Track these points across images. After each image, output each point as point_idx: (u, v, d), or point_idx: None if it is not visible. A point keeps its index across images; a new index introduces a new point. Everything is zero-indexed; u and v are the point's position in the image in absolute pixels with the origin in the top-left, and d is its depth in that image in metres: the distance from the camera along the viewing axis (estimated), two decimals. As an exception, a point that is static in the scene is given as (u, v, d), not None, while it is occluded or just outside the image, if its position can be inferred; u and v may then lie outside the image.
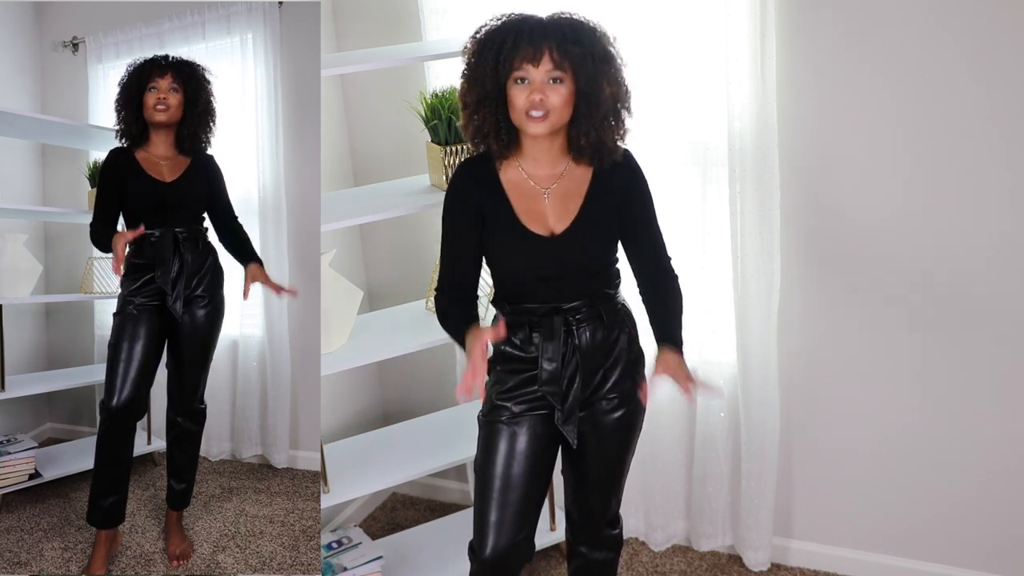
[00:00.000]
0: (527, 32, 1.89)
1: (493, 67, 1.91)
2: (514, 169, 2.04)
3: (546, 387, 2.06)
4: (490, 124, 1.97)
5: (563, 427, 2.09)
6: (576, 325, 2.05)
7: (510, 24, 1.92)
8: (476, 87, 1.95)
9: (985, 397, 2.62)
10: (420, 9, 2.85)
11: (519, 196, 2.02)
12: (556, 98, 1.89)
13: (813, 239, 2.69)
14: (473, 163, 2.06)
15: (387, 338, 2.70)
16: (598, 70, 1.91)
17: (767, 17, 2.47)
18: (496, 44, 1.90)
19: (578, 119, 1.94)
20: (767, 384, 2.74)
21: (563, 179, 2.03)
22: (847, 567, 2.92)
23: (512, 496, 2.10)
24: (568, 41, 1.88)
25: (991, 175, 2.46)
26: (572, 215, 2.01)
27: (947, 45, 2.41)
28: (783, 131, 2.58)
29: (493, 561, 2.11)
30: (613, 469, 2.19)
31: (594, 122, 1.94)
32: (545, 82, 1.89)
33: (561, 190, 2.03)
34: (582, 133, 1.95)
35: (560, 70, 1.89)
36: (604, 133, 1.96)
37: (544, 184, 2.03)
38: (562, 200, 2.02)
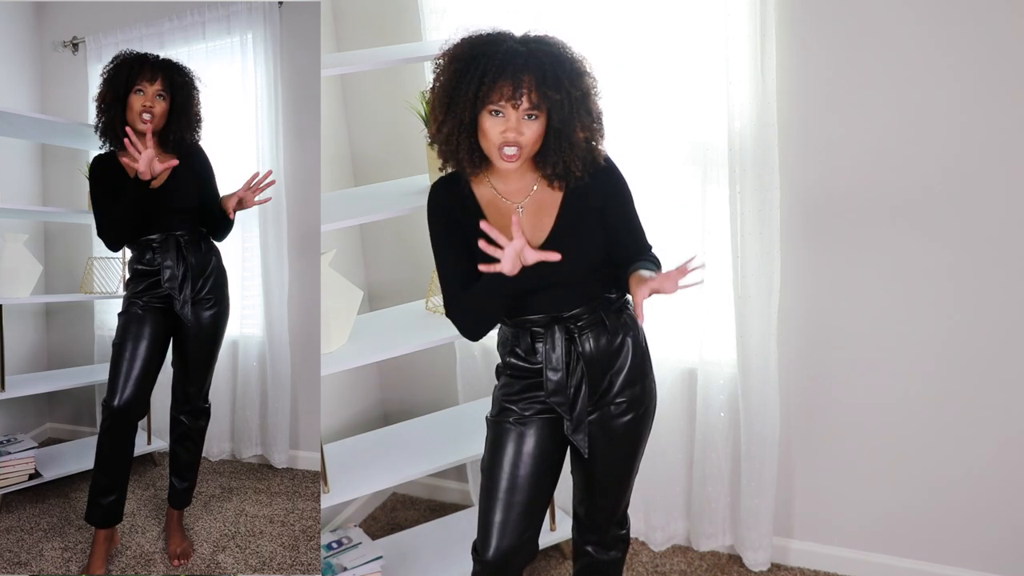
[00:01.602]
0: (509, 69, 1.84)
1: (472, 100, 1.87)
2: (485, 186, 2.03)
3: (553, 398, 2.05)
4: (464, 149, 1.94)
5: (573, 436, 2.08)
6: (579, 332, 2.04)
7: (490, 55, 1.86)
8: (452, 116, 1.91)
9: (986, 397, 2.62)
10: (420, 9, 2.85)
11: (494, 213, 2.01)
12: (530, 133, 1.88)
13: (813, 239, 2.69)
14: (446, 182, 2.04)
15: (387, 338, 2.69)
16: (573, 113, 1.89)
17: (767, 17, 2.47)
18: (476, 78, 1.86)
19: (546, 151, 1.92)
20: (767, 384, 2.74)
21: (535, 192, 2.01)
22: (847, 567, 2.92)
23: (518, 497, 2.10)
24: (548, 84, 1.85)
25: (992, 175, 2.46)
26: (547, 228, 2.00)
27: (947, 44, 2.42)
28: (783, 131, 2.58)
29: (496, 561, 2.11)
30: (622, 472, 2.19)
31: (563, 155, 1.92)
32: (521, 119, 1.87)
33: (534, 204, 2.01)
34: (549, 163, 1.94)
35: (537, 109, 1.88)
36: (572, 164, 1.94)
37: (516, 199, 2.01)
38: (536, 214, 2.01)
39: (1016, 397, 2.59)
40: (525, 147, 1.89)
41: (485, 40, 1.90)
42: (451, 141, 1.94)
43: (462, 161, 1.96)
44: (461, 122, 1.91)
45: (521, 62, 1.86)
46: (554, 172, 1.95)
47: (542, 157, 1.94)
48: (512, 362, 2.10)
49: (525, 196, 2.01)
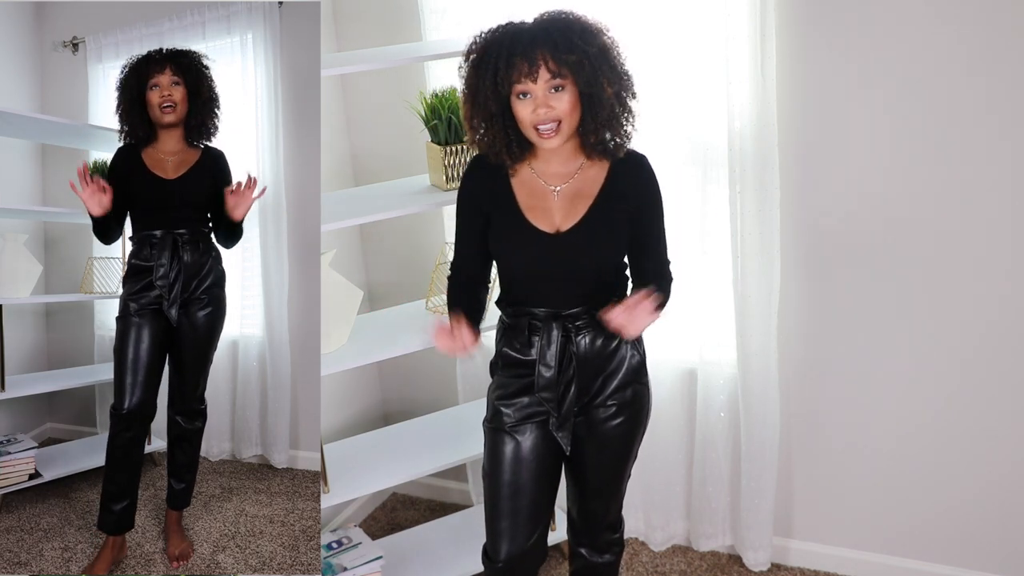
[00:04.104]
0: (520, 47, 1.86)
1: (493, 88, 1.89)
2: (525, 168, 2.04)
3: (542, 393, 2.06)
4: (501, 141, 1.96)
5: (557, 432, 2.09)
6: (576, 332, 2.04)
7: (500, 40, 1.89)
8: (480, 109, 1.94)
9: (986, 397, 2.62)
10: (420, 9, 2.86)
11: (527, 193, 2.02)
12: (562, 105, 1.88)
13: (813, 239, 2.69)
14: (482, 164, 2.06)
15: (387, 338, 2.69)
16: (597, 69, 1.88)
17: (767, 17, 2.47)
18: (491, 65, 1.88)
19: (585, 120, 1.92)
20: (767, 384, 2.74)
21: (575, 178, 2.02)
22: (847, 567, 2.92)
23: (522, 502, 2.11)
24: (561, 49, 1.85)
25: (992, 175, 2.46)
26: (580, 214, 2.00)
27: (946, 44, 2.41)
28: (783, 131, 2.58)
29: (508, 566, 2.13)
30: (612, 476, 2.19)
31: (601, 120, 1.92)
32: (547, 92, 1.87)
33: (572, 189, 2.02)
34: (591, 131, 1.94)
35: (559, 78, 1.87)
36: (613, 127, 1.95)
37: (555, 182, 2.02)
38: (571, 199, 2.01)
39: (1018, 395, 2.59)
40: (562, 119, 1.89)
41: (495, 31, 1.92)
42: (486, 136, 1.96)
43: (501, 154, 1.98)
44: (490, 114, 1.92)
45: (529, 39, 1.87)
46: (597, 139, 1.95)
47: (583, 126, 1.93)
48: (506, 352, 2.11)
49: (564, 181, 2.02)
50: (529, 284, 2.05)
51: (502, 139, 1.95)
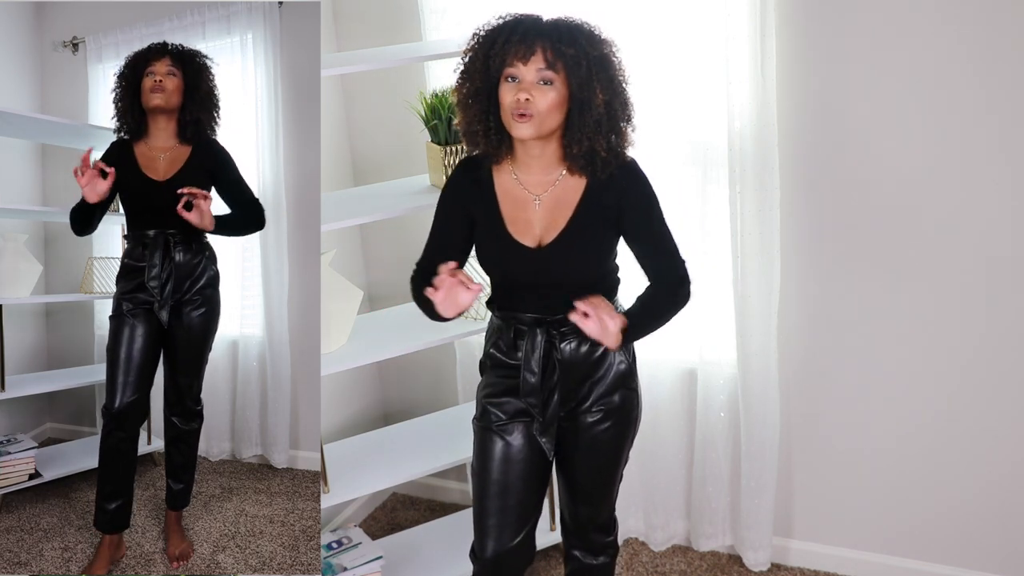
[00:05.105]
0: (521, 30, 1.85)
1: (484, 62, 1.87)
2: (507, 174, 2.01)
3: (527, 398, 2.05)
4: (480, 123, 1.93)
5: (540, 437, 2.08)
6: (560, 338, 2.03)
7: (507, 23, 1.89)
8: (467, 83, 1.92)
9: (986, 398, 2.62)
10: (420, 9, 2.85)
11: (510, 203, 2.00)
12: (543, 101, 1.84)
13: (813, 239, 2.69)
14: (472, 162, 2.04)
15: (387, 338, 2.69)
16: (592, 73, 1.84)
17: (767, 17, 2.47)
18: (489, 41, 1.87)
19: (570, 126, 1.88)
20: (767, 384, 2.74)
21: (555, 188, 1.98)
22: (847, 567, 2.92)
23: (510, 500, 2.10)
24: (563, 42, 1.83)
25: (992, 174, 2.46)
26: (561, 225, 1.97)
27: (947, 44, 2.42)
28: (783, 131, 2.58)
29: (494, 564, 2.12)
30: (601, 480, 2.18)
31: (587, 130, 1.87)
32: (534, 82, 1.84)
33: (552, 199, 1.98)
34: (574, 141, 1.89)
35: (551, 71, 1.83)
36: (596, 142, 1.89)
37: (535, 191, 1.99)
38: (552, 210, 1.98)
39: (1018, 396, 2.59)
40: (537, 114, 1.84)
41: (507, 19, 1.91)
42: (469, 114, 1.93)
43: (479, 137, 1.94)
44: (476, 89, 1.90)
45: (534, 27, 1.86)
46: (579, 151, 1.90)
47: (567, 133, 1.90)
48: (493, 353, 2.11)
49: (545, 190, 1.98)
50: (515, 292, 2.03)
51: (482, 122, 1.92)
